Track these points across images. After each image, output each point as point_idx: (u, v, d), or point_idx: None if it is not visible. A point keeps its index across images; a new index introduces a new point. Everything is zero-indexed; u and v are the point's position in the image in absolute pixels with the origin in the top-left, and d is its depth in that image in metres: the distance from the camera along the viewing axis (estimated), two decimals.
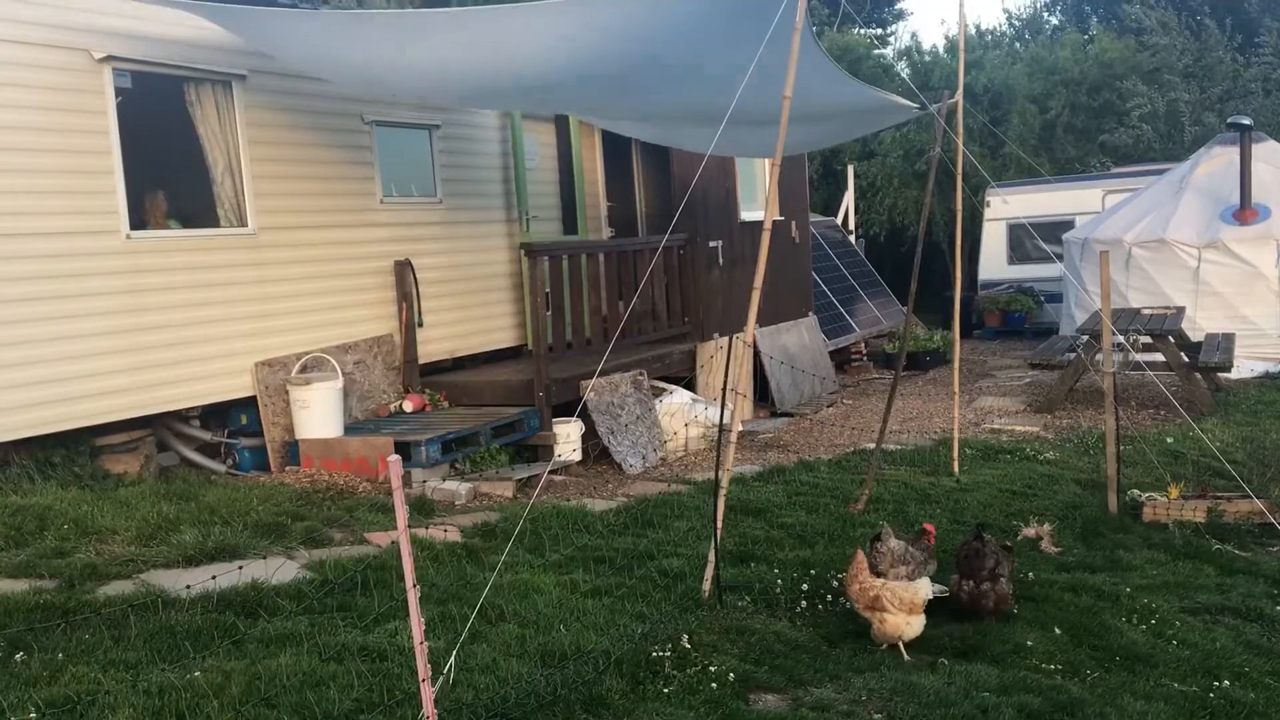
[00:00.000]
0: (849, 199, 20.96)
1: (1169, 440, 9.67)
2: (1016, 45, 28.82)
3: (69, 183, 7.47)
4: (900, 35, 35.09)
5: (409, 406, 9.51)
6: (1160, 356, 11.48)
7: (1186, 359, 11.52)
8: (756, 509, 7.48)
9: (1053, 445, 9.90)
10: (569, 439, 9.37)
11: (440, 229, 10.42)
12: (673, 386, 11.00)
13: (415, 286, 9.87)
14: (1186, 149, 19.50)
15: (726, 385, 5.69)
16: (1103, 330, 7.55)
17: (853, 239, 20.28)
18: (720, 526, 5.65)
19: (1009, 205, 18.60)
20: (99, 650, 4.69)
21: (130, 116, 7.83)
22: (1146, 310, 12.86)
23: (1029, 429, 10.94)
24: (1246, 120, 13.89)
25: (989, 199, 19.20)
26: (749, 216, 13.41)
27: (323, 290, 9.21)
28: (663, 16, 6.50)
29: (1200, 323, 13.32)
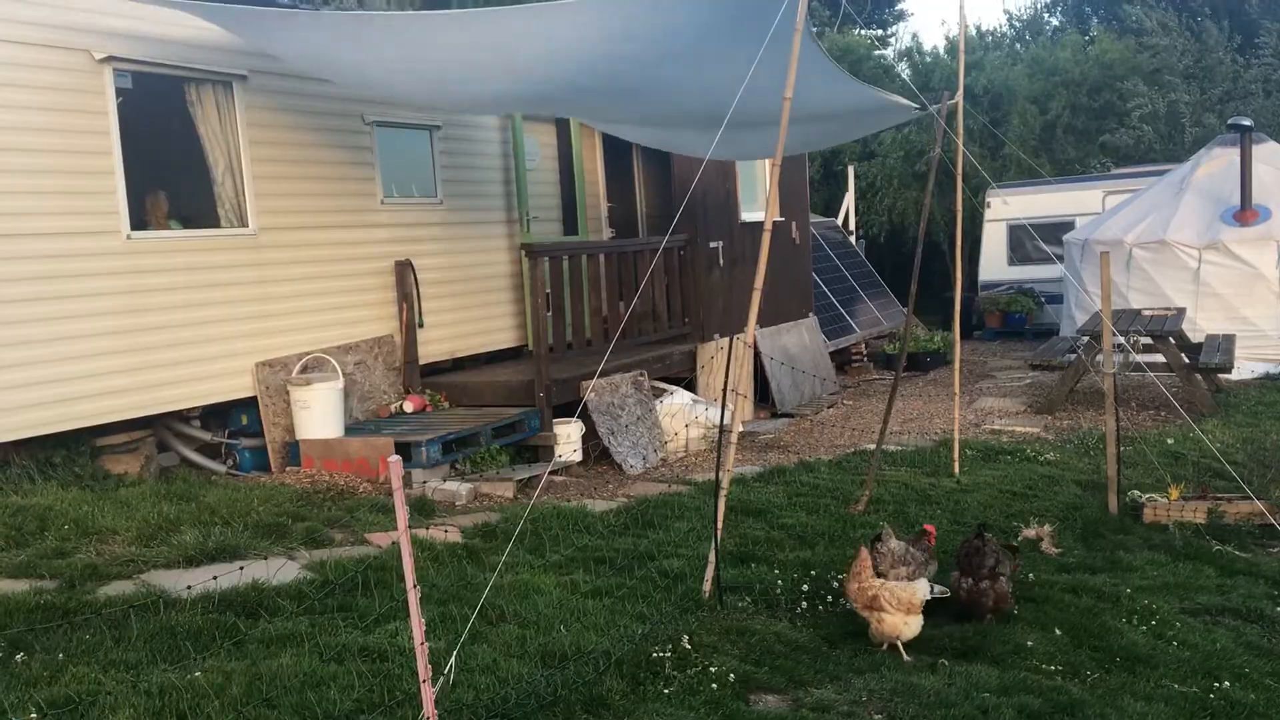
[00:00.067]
0: (849, 200, 20.96)
1: (1169, 441, 9.67)
2: (1017, 46, 28.82)
3: (70, 183, 7.48)
4: (901, 36, 35.11)
5: (409, 407, 9.51)
6: (1161, 358, 11.47)
7: (1187, 360, 11.52)
8: (757, 510, 7.48)
9: (1053, 446, 9.90)
10: (569, 439, 9.37)
11: (441, 229, 10.42)
12: (673, 387, 10.99)
13: (416, 287, 9.87)
14: (1187, 150, 19.50)
15: (727, 386, 5.69)
16: (1103, 331, 7.55)
17: (853, 240, 20.27)
18: (721, 527, 5.65)
19: (1009, 206, 18.59)
20: (100, 650, 4.69)
21: (131, 117, 7.84)
22: (1147, 311, 12.85)
23: (1029, 430, 10.94)
24: (1247, 121, 13.90)
25: (989, 200, 19.18)
26: (749, 217, 13.40)
27: (323, 291, 9.21)
28: (663, 19, 6.50)
29: (1201, 324, 13.31)
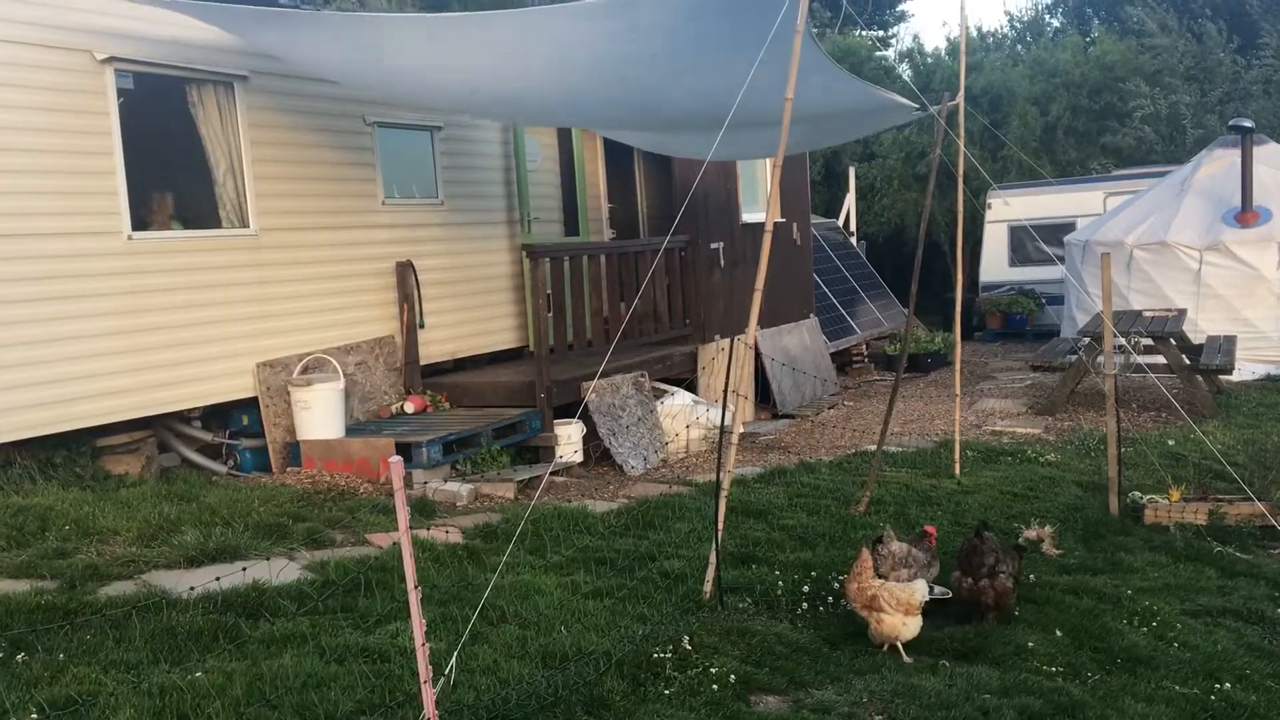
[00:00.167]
0: (850, 201, 20.96)
1: (1170, 442, 9.67)
2: (1018, 47, 28.83)
3: (71, 183, 7.48)
4: (901, 37, 35.16)
5: (410, 408, 9.51)
6: (1161, 359, 11.47)
7: (1188, 361, 11.52)
8: (758, 511, 7.48)
9: (1054, 447, 9.90)
10: (570, 440, 9.37)
11: (442, 230, 10.42)
12: (674, 388, 11.00)
13: (417, 288, 9.87)
14: (1188, 151, 19.50)
15: (728, 387, 5.68)
16: (1104, 332, 7.55)
17: (854, 241, 20.27)
18: (721, 528, 5.65)
19: (1010, 207, 18.60)
20: (101, 651, 4.69)
21: (132, 117, 7.84)
22: (1148, 312, 12.84)
23: (1030, 431, 10.93)
24: (1248, 122, 13.89)
25: (990, 201, 19.18)
26: (750, 218, 13.41)
27: (324, 291, 9.21)
28: (664, 20, 6.50)
29: (1201, 325, 13.31)
